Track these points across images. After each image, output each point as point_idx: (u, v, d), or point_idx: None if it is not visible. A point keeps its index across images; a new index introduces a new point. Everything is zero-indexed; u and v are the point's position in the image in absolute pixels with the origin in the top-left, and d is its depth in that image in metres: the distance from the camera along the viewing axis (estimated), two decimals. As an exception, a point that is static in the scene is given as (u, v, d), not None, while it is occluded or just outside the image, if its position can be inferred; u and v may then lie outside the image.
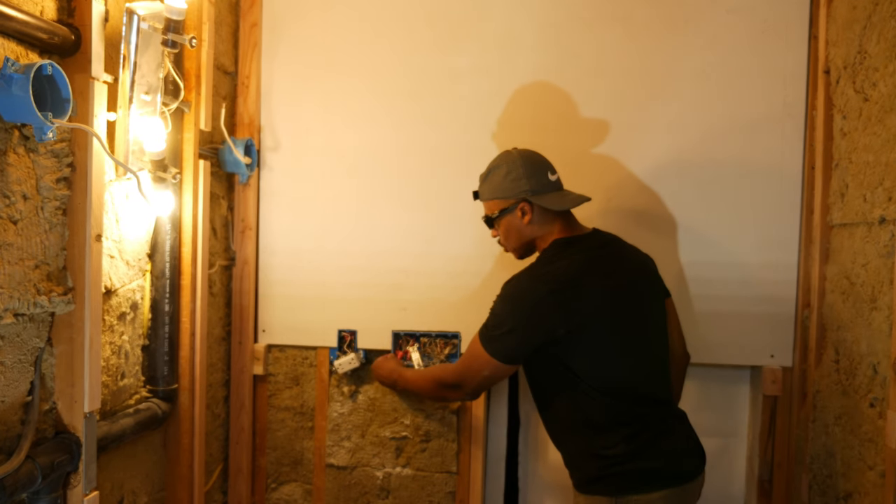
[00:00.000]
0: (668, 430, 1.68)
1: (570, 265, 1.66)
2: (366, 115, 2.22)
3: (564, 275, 1.64)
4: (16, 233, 1.29)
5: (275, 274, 2.27)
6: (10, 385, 1.31)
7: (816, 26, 2.02)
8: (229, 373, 2.27)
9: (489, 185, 1.78)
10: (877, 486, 1.60)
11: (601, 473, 1.64)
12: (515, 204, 1.73)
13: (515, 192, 1.73)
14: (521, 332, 1.64)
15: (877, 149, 1.67)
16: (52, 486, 1.38)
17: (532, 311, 1.62)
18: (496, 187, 1.76)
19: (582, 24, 2.13)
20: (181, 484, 1.89)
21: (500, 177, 1.75)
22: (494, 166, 1.79)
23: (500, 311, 1.68)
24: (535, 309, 1.62)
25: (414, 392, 2.08)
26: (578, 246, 1.72)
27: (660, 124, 2.11)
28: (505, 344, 1.65)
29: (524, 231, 1.75)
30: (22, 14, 1.24)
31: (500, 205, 1.76)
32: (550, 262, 1.69)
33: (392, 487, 2.26)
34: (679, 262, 2.11)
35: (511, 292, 1.67)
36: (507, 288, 1.69)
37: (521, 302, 1.64)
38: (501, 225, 1.78)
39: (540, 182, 1.73)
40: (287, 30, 2.24)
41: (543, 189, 1.73)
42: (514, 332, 1.64)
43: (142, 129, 1.65)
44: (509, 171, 1.74)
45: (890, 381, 1.54)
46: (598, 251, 1.73)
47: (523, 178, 1.72)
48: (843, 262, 1.84)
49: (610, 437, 1.63)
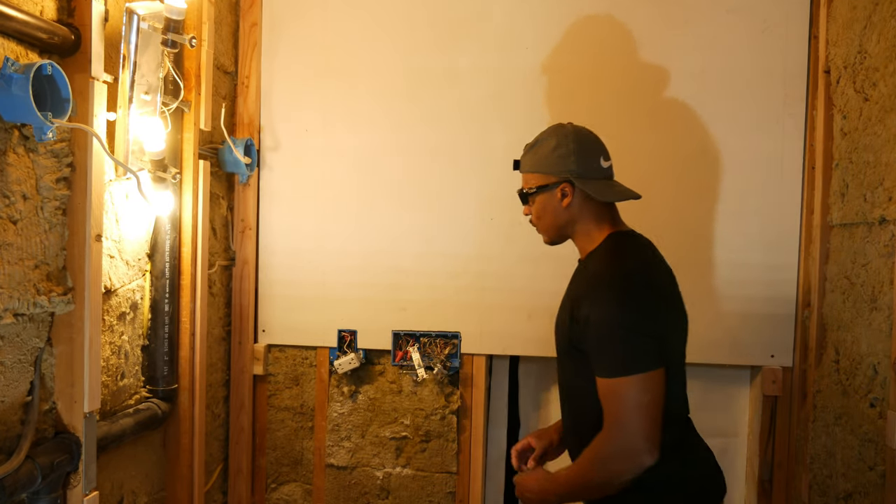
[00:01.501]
0: (702, 446, 1.57)
1: (652, 260, 1.52)
2: (366, 114, 2.22)
3: (652, 268, 1.50)
4: (16, 233, 1.29)
5: (275, 274, 2.27)
6: (9, 385, 1.31)
7: (816, 26, 2.02)
8: (229, 373, 2.27)
9: (533, 157, 1.59)
10: (877, 486, 1.60)
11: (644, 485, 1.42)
12: (557, 183, 1.53)
13: (560, 169, 1.53)
14: (653, 326, 1.39)
15: (877, 149, 1.67)
16: (52, 486, 1.38)
17: (653, 300, 1.43)
18: (540, 160, 1.56)
19: (582, 24, 2.13)
20: (181, 484, 1.89)
21: (548, 150, 1.55)
22: (543, 138, 1.59)
23: (616, 320, 1.38)
24: (647, 292, 1.43)
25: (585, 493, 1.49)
26: (643, 239, 1.57)
27: (660, 124, 2.11)
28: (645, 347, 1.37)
29: (560, 214, 1.56)
30: (22, 14, 1.24)
31: (540, 180, 1.56)
32: (628, 253, 1.51)
33: (392, 487, 2.25)
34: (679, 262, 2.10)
35: (619, 292, 1.42)
36: (608, 293, 1.42)
37: (632, 293, 1.41)
38: (536, 202, 1.58)
39: (590, 165, 1.54)
40: (287, 29, 2.24)
41: (591, 174, 1.53)
42: (641, 328, 1.38)
43: (142, 129, 1.65)
44: (558, 145, 1.54)
45: (890, 381, 1.54)
46: (657, 254, 1.58)
47: (572, 156, 1.53)
48: (844, 262, 1.84)
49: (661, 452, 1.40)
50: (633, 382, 1.35)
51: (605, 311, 1.39)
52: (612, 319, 1.38)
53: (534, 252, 2.12)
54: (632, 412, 1.35)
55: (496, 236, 2.16)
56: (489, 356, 2.24)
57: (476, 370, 2.20)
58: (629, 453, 1.36)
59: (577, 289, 1.54)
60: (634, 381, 1.35)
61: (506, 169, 2.14)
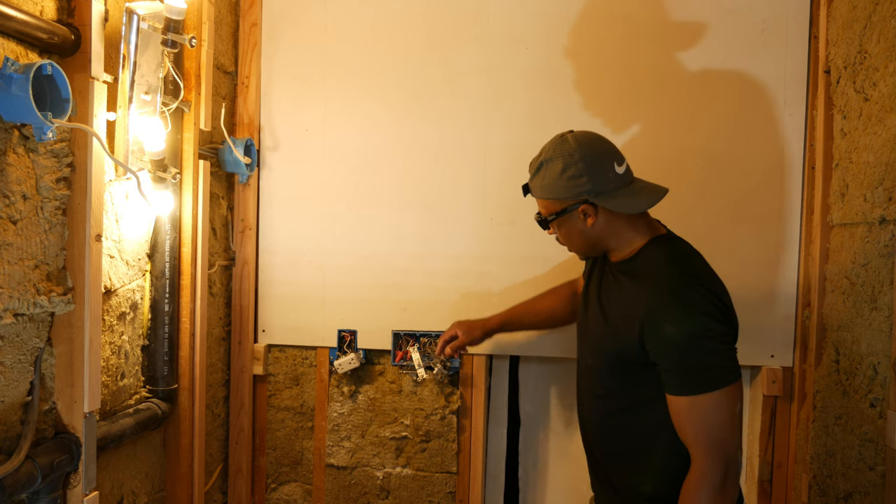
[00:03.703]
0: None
1: (708, 268, 1.45)
2: (366, 114, 2.22)
3: (712, 276, 1.43)
4: (15, 233, 1.29)
5: (275, 274, 2.27)
6: (9, 385, 1.31)
7: (816, 26, 2.02)
8: (229, 373, 2.27)
9: (542, 182, 1.49)
10: (877, 487, 1.60)
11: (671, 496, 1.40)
12: (575, 206, 1.45)
13: (575, 192, 1.44)
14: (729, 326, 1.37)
15: (877, 149, 1.67)
16: (52, 486, 1.38)
17: (727, 305, 1.39)
18: (551, 186, 1.46)
19: (582, 23, 2.14)
20: (181, 484, 1.89)
21: (556, 173, 1.45)
22: (547, 158, 1.48)
23: (701, 328, 1.33)
24: (726, 302, 1.39)
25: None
26: (687, 246, 1.50)
27: (659, 124, 2.11)
28: (731, 355, 1.35)
29: (589, 235, 1.49)
30: (22, 14, 1.24)
31: (557, 206, 1.48)
32: (687, 258, 1.46)
33: (392, 487, 2.25)
34: (679, 262, 2.11)
35: (695, 301, 1.35)
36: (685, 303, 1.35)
37: (714, 301, 1.36)
38: (561, 229, 1.52)
39: (605, 178, 1.43)
40: (287, 29, 2.24)
41: (609, 187, 1.43)
42: (730, 337, 1.37)
43: (141, 129, 1.65)
44: (566, 166, 1.44)
45: (890, 381, 1.54)
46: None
47: (584, 176, 1.42)
48: (844, 262, 1.84)
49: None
50: (729, 392, 1.31)
51: (687, 326, 1.33)
52: (701, 332, 1.32)
53: (534, 252, 2.12)
54: (727, 425, 1.31)
55: (496, 236, 2.16)
56: (489, 356, 2.24)
57: (476, 370, 2.21)
58: (734, 468, 1.31)
59: (630, 299, 1.44)
60: (731, 391, 1.31)
61: (506, 169, 2.16)
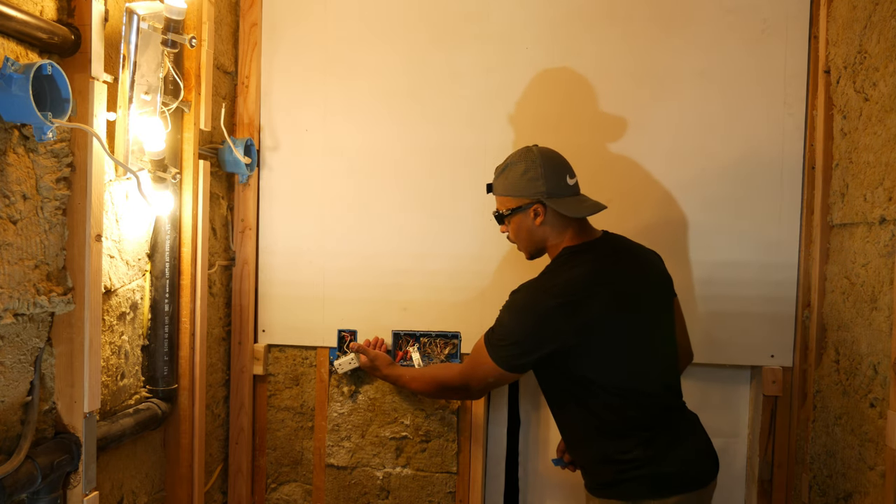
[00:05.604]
0: (682, 435, 1.66)
1: (578, 275, 1.63)
2: (366, 114, 2.22)
3: (572, 286, 1.61)
4: (15, 233, 1.29)
5: (275, 274, 2.27)
6: (9, 385, 1.31)
7: (816, 26, 2.03)
8: (229, 373, 2.27)
9: (505, 181, 1.74)
10: (877, 486, 1.60)
11: (616, 478, 1.62)
12: (529, 204, 1.69)
13: (531, 192, 1.69)
14: (526, 344, 1.61)
15: (877, 149, 1.67)
16: (52, 487, 1.38)
17: (539, 325, 1.59)
18: (512, 185, 1.72)
19: (582, 23, 2.14)
20: (181, 484, 1.89)
21: (518, 174, 1.71)
22: (512, 162, 1.74)
23: (506, 322, 1.65)
24: (541, 322, 1.59)
25: (415, 392, 2.08)
26: (588, 255, 1.68)
27: (660, 124, 2.11)
28: (510, 353, 1.63)
29: (535, 232, 1.72)
30: (22, 14, 1.24)
31: (514, 202, 1.72)
32: (558, 273, 1.66)
33: (392, 487, 2.25)
34: (679, 263, 2.11)
35: (518, 304, 1.65)
36: (514, 298, 1.66)
37: (528, 315, 1.62)
38: (512, 223, 1.75)
39: (557, 185, 1.69)
40: (287, 29, 2.24)
41: (560, 192, 1.69)
42: (519, 344, 1.62)
43: (141, 129, 1.65)
44: (527, 169, 1.69)
45: (890, 381, 1.54)
46: (606, 258, 1.69)
47: (541, 179, 1.68)
48: (844, 262, 1.84)
49: (625, 443, 1.61)
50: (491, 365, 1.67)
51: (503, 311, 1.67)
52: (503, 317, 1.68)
53: (534, 252, 2.12)
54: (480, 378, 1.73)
55: (496, 236, 2.16)
56: (489, 356, 2.24)
57: (476, 370, 2.20)
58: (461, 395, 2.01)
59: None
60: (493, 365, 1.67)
61: (506, 169, 2.16)
